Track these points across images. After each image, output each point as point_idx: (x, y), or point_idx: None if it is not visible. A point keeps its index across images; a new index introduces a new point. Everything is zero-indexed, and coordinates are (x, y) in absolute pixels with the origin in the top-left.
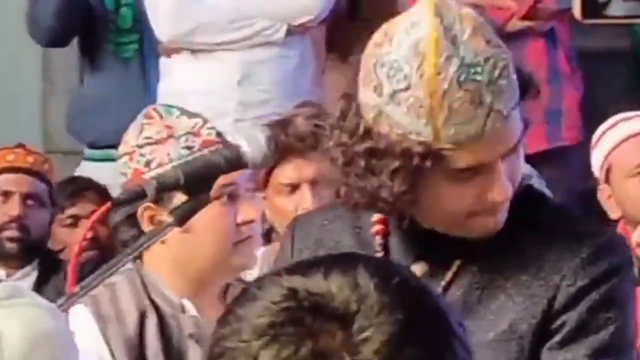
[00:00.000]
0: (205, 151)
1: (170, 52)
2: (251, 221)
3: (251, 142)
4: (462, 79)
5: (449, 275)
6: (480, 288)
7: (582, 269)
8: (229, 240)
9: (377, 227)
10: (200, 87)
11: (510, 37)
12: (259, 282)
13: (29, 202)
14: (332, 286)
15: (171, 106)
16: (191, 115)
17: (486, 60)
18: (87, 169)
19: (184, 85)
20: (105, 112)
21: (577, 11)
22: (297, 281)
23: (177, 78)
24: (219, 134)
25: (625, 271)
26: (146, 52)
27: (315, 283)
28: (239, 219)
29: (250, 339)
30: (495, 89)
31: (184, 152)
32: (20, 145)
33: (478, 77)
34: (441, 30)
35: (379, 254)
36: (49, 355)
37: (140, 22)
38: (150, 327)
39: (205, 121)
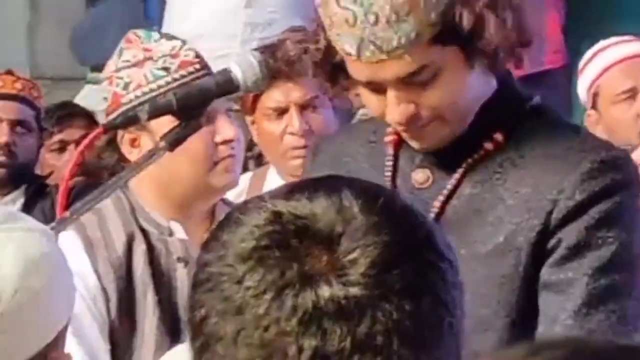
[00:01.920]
0: (184, 71)
1: None
2: (230, 140)
3: (243, 66)
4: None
5: (451, 182)
6: (479, 198)
7: (582, 183)
8: (206, 160)
9: (390, 137)
10: (207, 7)
11: None
12: (243, 206)
13: (18, 128)
14: (317, 208)
15: (151, 30)
16: (170, 37)
17: None
18: (90, 92)
19: (190, 7)
20: (107, 36)
21: None
22: (281, 204)
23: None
24: (197, 55)
25: (628, 188)
26: None
27: (300, 206)
28: (218, 139)
29: (236, 263)
30: (372, 19)
31: (161, 72)
32: (8, 72)
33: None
34: None
35: (389, 162)
36: (44, 278)
37: None
38: (138, 252)
39: (184, 43)
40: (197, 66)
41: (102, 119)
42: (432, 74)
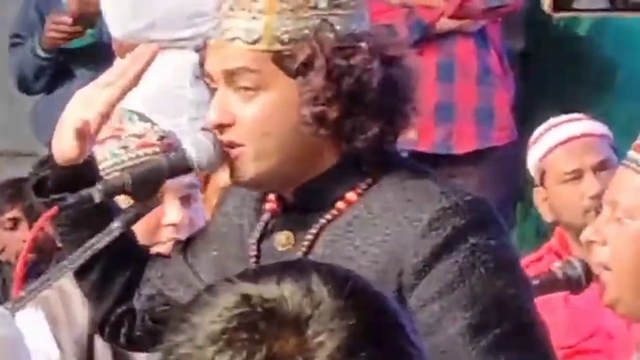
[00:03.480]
0: (140, 152)
1: (125, 50)
2: (173, 224)
3: (197, 146)
4: None
5: (304, 244)
6: (330, 260)
7: (423, 239)
8: (147, 241)
9: (270, 205)
10: (154, 86)
11: (440, 37)
12: (212, 288)
13: None
14: (285, 291)
15: (133, 112)
16: (147, 120)
17: None
18: None
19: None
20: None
21: (547, 4)
22: (250, 287)
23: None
24: (162, 137)
25: (475, 233)
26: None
27: (268, 289)
28: (164, 221)
29: (205, 345)
30: (233, 6)
31: (118, 151)
32: None
33: None
34: None
35: (260, 226)
36: None
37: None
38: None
39: (153, 125)
40: (157, 149)
41: None
42: (255, 84)
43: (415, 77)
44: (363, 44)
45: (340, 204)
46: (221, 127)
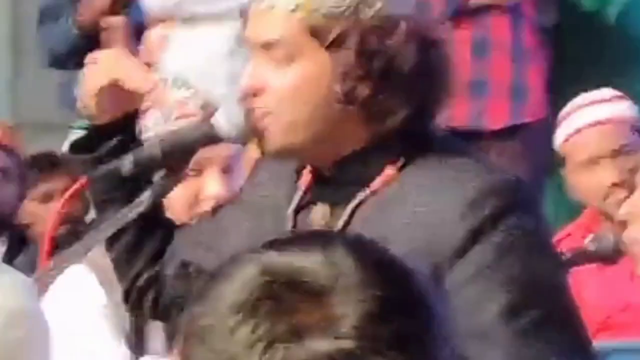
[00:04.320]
0: (181, 121)
1: (157, 22)
2: (215, 197)
3: (227, 116)
4: None
5: (342, 219)
6: (368, 235)
7: (462, 219)
8: (183, 215)
9: (306, 177)
10: (189, 58)
11: (474, 12)
12: (236, 258)
13: None
14: (309, 262)
15: (179, 78)
16: (189, 87)
17: None
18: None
19: (170, 56)
20: None
21: None
22: (273, 257)
23: (163, 48)
24: (203, 106)
25: (513, 215)
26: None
27: (292, 259)
28: (201, 194)
29: (227, 315)
30: None
31: (160, 120)
32: None
33: None
34: None
35: (296, 199)
36: (22, 333)
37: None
38: None
39: (193, 93)
40: (197, 118)
41: None
42: (288, 55)
43: (451, 63)
44: (401, 26)
45: (377, 181)
46: (252, 93)
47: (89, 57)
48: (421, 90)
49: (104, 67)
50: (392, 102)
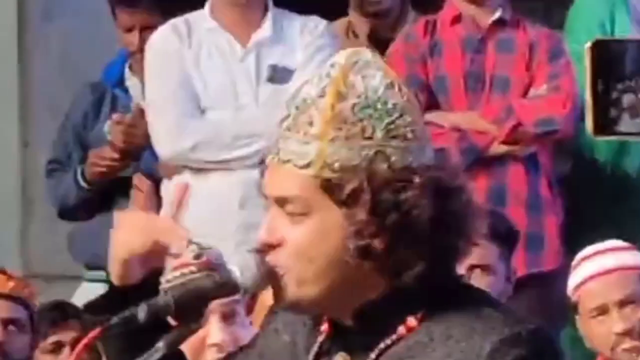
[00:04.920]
0: (177, 273)
1: (171, 173)
2: (216, 345)
3: (242, 267)
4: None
5: None
6: None
7: None
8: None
9: (325, 326)
10: (200, 209)
11: (491, 161)
12: None
13: (10, 327)
14: None
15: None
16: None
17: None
18: (87, 291)
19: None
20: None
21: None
22: None
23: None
24: (198, 256)
25: None
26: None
27: None
28: (208, 341)
29: None
30: (291, 125)
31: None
32: (1, 271)
33: (291, 111)
34: None
35: (315, 349)
36: None
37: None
38: None
39: (190, 243)
40: (194, 268)
41: None
42: (302, 210)
43: (474, 209)
44: (416, 179)
45: (401, 329)
46: (268, 247)
47: (118, 217)
48: (440, 242)
49: (138, 230)
50: (408, 255)
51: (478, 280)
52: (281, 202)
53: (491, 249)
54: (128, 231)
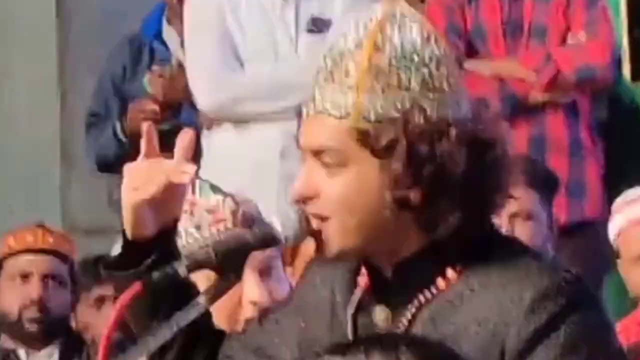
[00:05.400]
0: (214, 229)
1: (211, 124)
2: (254, 302)
3: (282, 220)
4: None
5: (403, 323)
6: (432, 337)
7: (525, 320)
8: (228, 318)
9: (364, 278)
10: (241, 161)
11: (530, 110)
12: None
13: (50, 282)
14: None
15: (205, 182)
16: (218, 190)
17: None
18: None
19: (224, 159)
20: None
21: (627, 74)
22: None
23: (217, 151)
24: (234, 211)
25: (578, 310)
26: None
27: None
28: (244, 298)
29: None
30: (329, 77)
31: (192, 229)
32: (40, 225)
33: (328, 61)
34: None
35: (355, 299)
36: None
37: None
38: None
39: (226, 196)
40: (229, 224)
41: None
42: (339, 161)
43: (509, 163)
44: (452, 131)
45: (440, 282)
46: (304, 199)
47: (125, 169)
48: (475, 194)
49: (145, 175)
50: (444, 207)
51: (520, 228)
52: (317, 153)
53: (531, 194)
54: (136, 178)
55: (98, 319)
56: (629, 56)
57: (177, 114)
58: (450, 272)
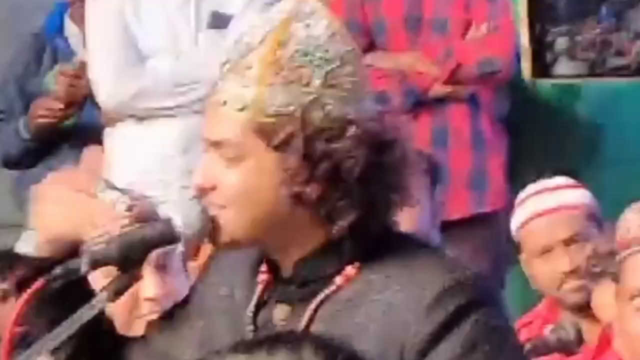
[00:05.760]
0: (110, 226)
1: (113, 121)
2: (150, 299)
3: (184, 215)
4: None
5: (303, 321)
6: (332, 334)
7: (426, 318)
8: (125, 314)
9: (263, 277)
10: (143, 157)
11: (433, 102)
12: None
13: None
14: None
15: (101, 180)
16: (113, 187)
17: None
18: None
19: (126, 155)
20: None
21: (526, 71)
22: (241, 358)
23: (119, 148)
24: (129, 208)
25: (476, 311)
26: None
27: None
28: (141, 295)
29: None
30: (226, 75)
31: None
32: None
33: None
34: None
35: (255, 299)
36: None
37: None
38: None
39: (122, 193)
40: (125, 221)
41: None
42: (237, 154)
43: (409, 161)
44: (351, 129)
45: (339, 279)
46: (203, 191)
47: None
48: (373, 193)
49: (68, 212)
50: (341, 204)
51: (405, 214)
52: (217, 145)
53: (414, 182)
54: (55, 210)
55: (1, 313)
56: (528, 54)
57: (80, 111)
58: (349, 269)
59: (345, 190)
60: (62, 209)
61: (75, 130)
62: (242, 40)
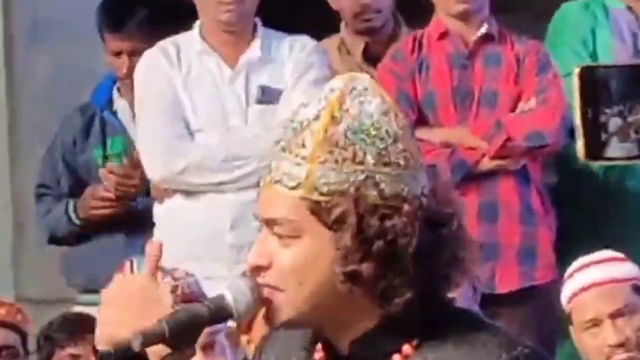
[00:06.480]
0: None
1: (162, 195)
2: None
3: (235, 292)
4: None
5: None
6: None
7: None
8: None
9: (319, 354)
10: (192, 231)
11: (481, 176)
12: None
13: (3, 353)
14: None
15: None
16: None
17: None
18: None
19: (175, 231)
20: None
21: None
22: None
23: (169, 223)
24: (174, 289)
25: None
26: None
27: None
28: None
29: None
30: (285, 146)
31: None
32: None
33: (287, 132)
34: None
35: None
36: None
37: None
38: None
39: (164, 275)
40: (168, 302)
41: None
42: (291, 232)
43: (464, 237)
44: (405, 207)
45: (397, 357)
46: (258, 269)
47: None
48: (429, 269)
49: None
50: (397, 282)
51: None
52: (271, 223)
53: None
54: (118, 318)
55: None
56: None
57: (134, 202)
58: (406, 348)
59: (401, 267)
60: (125, 316)
61: (127, 216)
62: (295, 118)
